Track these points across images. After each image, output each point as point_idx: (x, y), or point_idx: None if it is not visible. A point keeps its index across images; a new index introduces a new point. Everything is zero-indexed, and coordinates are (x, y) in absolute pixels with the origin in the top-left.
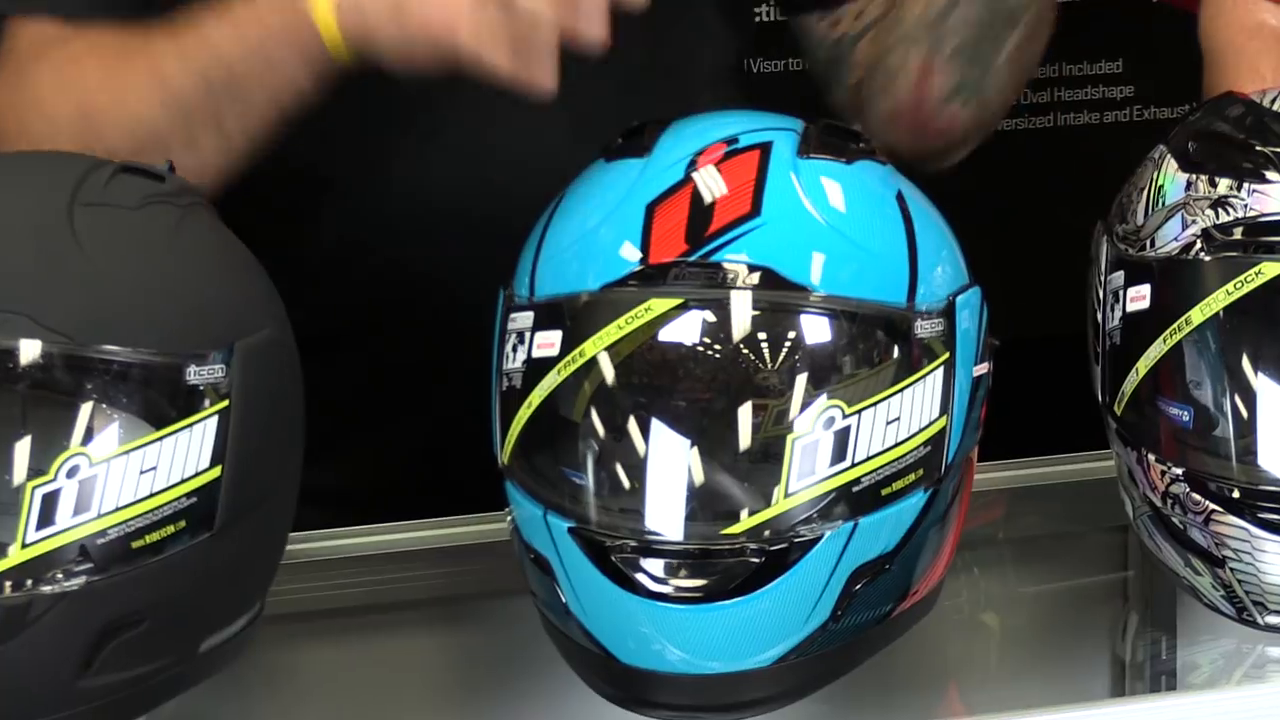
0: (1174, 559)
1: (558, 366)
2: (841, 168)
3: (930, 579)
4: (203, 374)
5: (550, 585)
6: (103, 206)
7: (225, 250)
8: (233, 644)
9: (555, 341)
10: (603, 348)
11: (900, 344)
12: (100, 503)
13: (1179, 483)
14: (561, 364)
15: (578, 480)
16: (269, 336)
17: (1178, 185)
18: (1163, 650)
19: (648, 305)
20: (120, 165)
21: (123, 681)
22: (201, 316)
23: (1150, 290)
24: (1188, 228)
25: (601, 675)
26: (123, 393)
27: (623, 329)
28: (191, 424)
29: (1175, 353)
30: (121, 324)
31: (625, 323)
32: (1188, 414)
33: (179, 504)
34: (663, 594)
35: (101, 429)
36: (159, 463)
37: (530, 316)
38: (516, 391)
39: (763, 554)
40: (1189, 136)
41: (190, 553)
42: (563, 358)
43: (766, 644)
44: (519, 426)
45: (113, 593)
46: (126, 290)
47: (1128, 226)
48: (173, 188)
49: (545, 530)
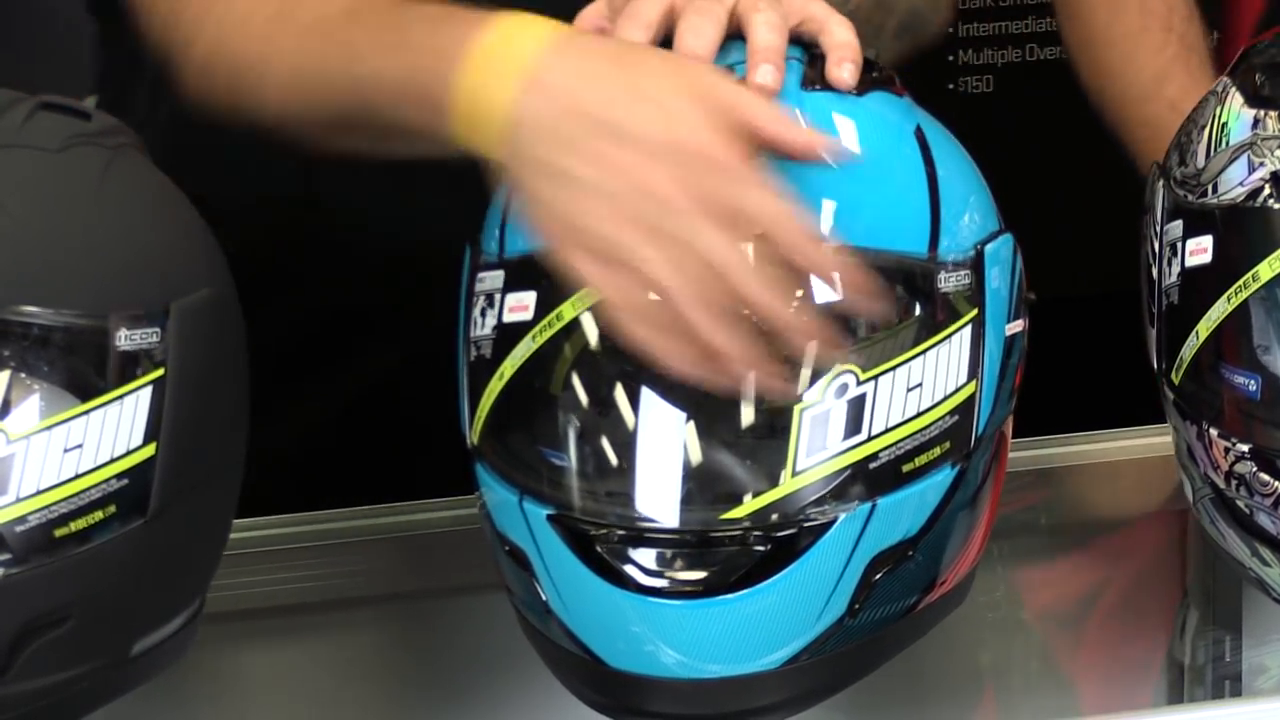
0: (1239, 547)
1: (532, 332)
2: (852, 100)
3: (960, 568)
4: (134, 339)
5: (527, 580)
6: (19, 148)
7: (160, 199)
8: (169, 645)
9: (529, 304)
10: (584, 309)
11: (921, 300)
12: (19, 485)
13: (1245, 461)
14: (536, 329)
15: (557, 461)
16: (209, 296)
17: (1243, 123)
18: (1226, 651)
19: None
20: (40, 101)
21: (45, 688)
22: (132, 273)
23: (1212, 242)
24: (1255, 171)
25: (587, 681)
26: (43, 360)
27: None
28: (122, 395)
29: (1240, 313)
30: (41, 282)
31: None
32: (1255, 383)
33: (108, 486)
34: (656, 588)
35: (19, 401)
36: (85, 440)
37: (500, 276)
38: (486, 361)
39: (769, 541)
40: (1256, 68)
41: (121, 542)
42: (538, 322)
43: (774, 644)
44: (490, 401)
45: (33, 587)
46: (47, 244)
47: (1187, 170)
48: (100, 127)
49: (521, 518)
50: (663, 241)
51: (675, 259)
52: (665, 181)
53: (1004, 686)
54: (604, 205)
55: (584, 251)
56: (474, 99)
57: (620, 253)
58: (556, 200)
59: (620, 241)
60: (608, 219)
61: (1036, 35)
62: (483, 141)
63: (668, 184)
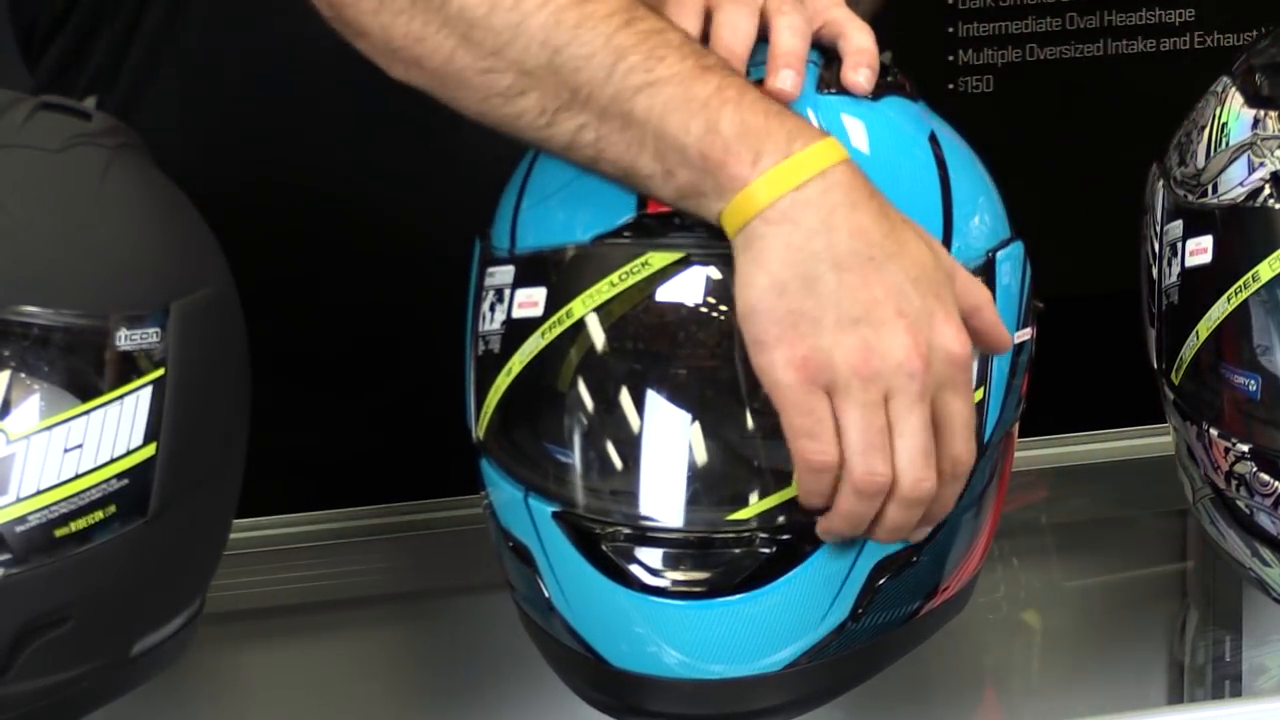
0: (1239, 548)
1: (541, 329)
2: (867, 105)
3: (963, 572)
4: (135, 339)
5: (531, 578)
6: (19, 148)
7: (160, 199)
8: (169, 645)
9: (539, 300)
10: (592, 308)
11: None
12: (19, 485)
13: (1245, 461)
14: (545, 325)
15: (563, 458)
16: (209, 296)
17: (1243, 123)
18: (1226, 651)
19: (645, 260)
20: (40, 101)
21: (45, 688)
22: (133, 273)
23: (1212, 242)
24: (1255, 171)
25: (589, 680)
26: (44, 360)
27: (616, 286)
28: (122, 396)
29: (1241, 313)
30: (41, 282)
31: (619, 279)
32: (1255, 383)
33: (108, 486)
34: (660, 588)
35: (20, 401)
36: (86, 440)
37: (510, 271)
38: (494, 356)
39: (773, 544)
40: (1256, 68)
41: (121, 542)
42: (547, 318)
43: (777, 645)
44: (497, 396)
45: (33, 587)
46: (47, 244)
47: (1187, 170)
48: (100, 127)
49: (526, 515)
50: (874, 408)
51: (875, 432)
52: (915, 360)
53: (1004, 687)
54: (854, 345)
55: (805, 377)
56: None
57: (844, 391)
58: (807, 309)
59: (850, 382)
60: (855, 358)
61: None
62: (740, 220)
63: (916, 363)
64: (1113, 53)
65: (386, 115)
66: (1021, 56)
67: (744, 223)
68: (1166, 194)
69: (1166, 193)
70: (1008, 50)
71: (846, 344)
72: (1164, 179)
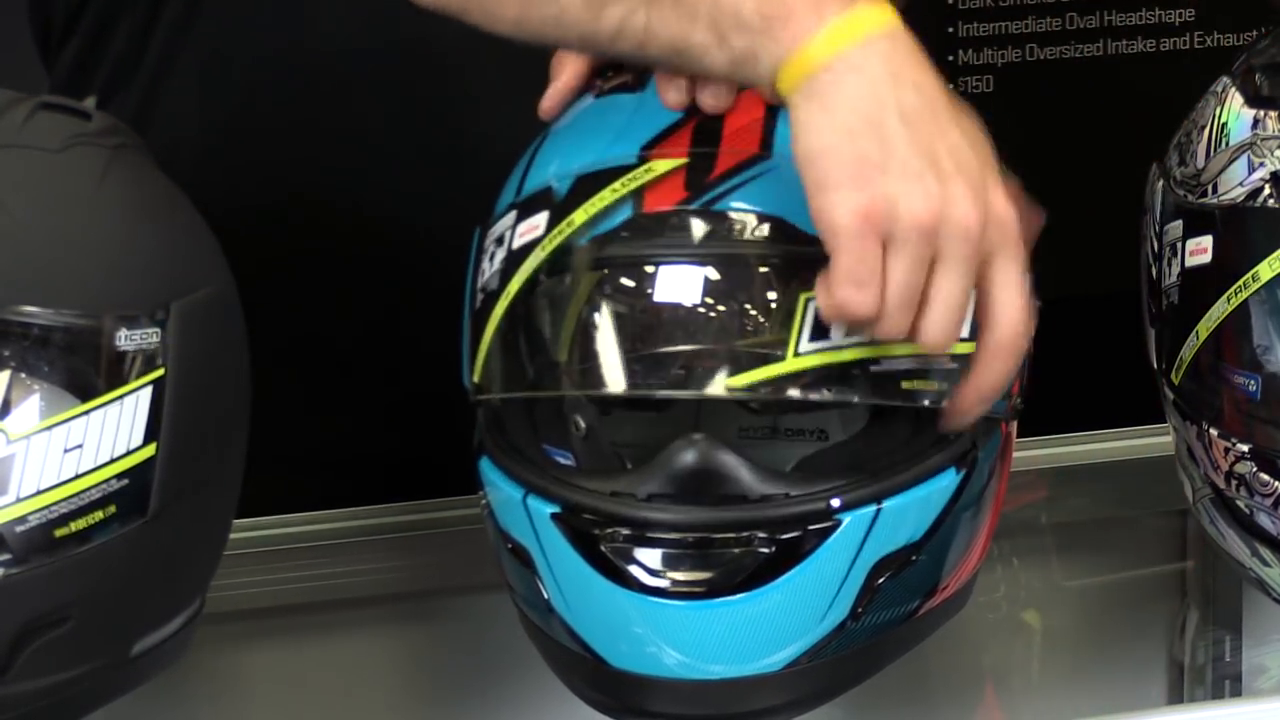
0: (1239, 548)
1: (541, 243)
2: None
3: (963, 572)
4: (135, 339)
5: (530, 579)
6: (19, 148)
7: (160, 198)
8: (169, 645)
9: (540, 224)
10: (595, 212)
11: None
12: (19, 485)
13: (1245, 461)
14: (545, 239)
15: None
16: (209, 296)
17: (1243, 122)
18: (1226, 651)
19: (648, 167)
20: (40, 101)
21: (45, 688)
22: (133, 273)
23: (1212, 242)
24: (1255, 171)
25: (588, 680)
26: (44, 360)
27: (618, 192)
28: (122, 396)
29: (1240, 313)
30: (41, 282)
31: (621, 186)
32: (1254, 383)
33: (108, 486)
34: (659, 588)
35: (20, 401)
36: (85, 440)
37: (512, 216)
38: (491, 293)
39: (773, 543)
40: (1256, 68)
41: (121, 542)
42: (548, 234)
43: (776, 645)
44: (494, 325)
45: (33, 587)
46: (46, 244)
47: (1187, 170)
48: (100, 127)
49: (524, 516)
50: (921, 265)
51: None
52: (975, 217)
53: (1004, 686)
54: (920, 197)
55: (867, 224)
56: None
57: (901, 243)
58: (874, 155)
59: (909, 235)
60: (920, 210)
61: (1036, 35)
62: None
63: (975, 221)
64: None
65: (400, 113)
66: (1021, 56)
67: (807, 75)
68: (1166, 194)
69: (1166, 193)
70: (1008, 50)
71: (913, 194)
72: (1164, 179)
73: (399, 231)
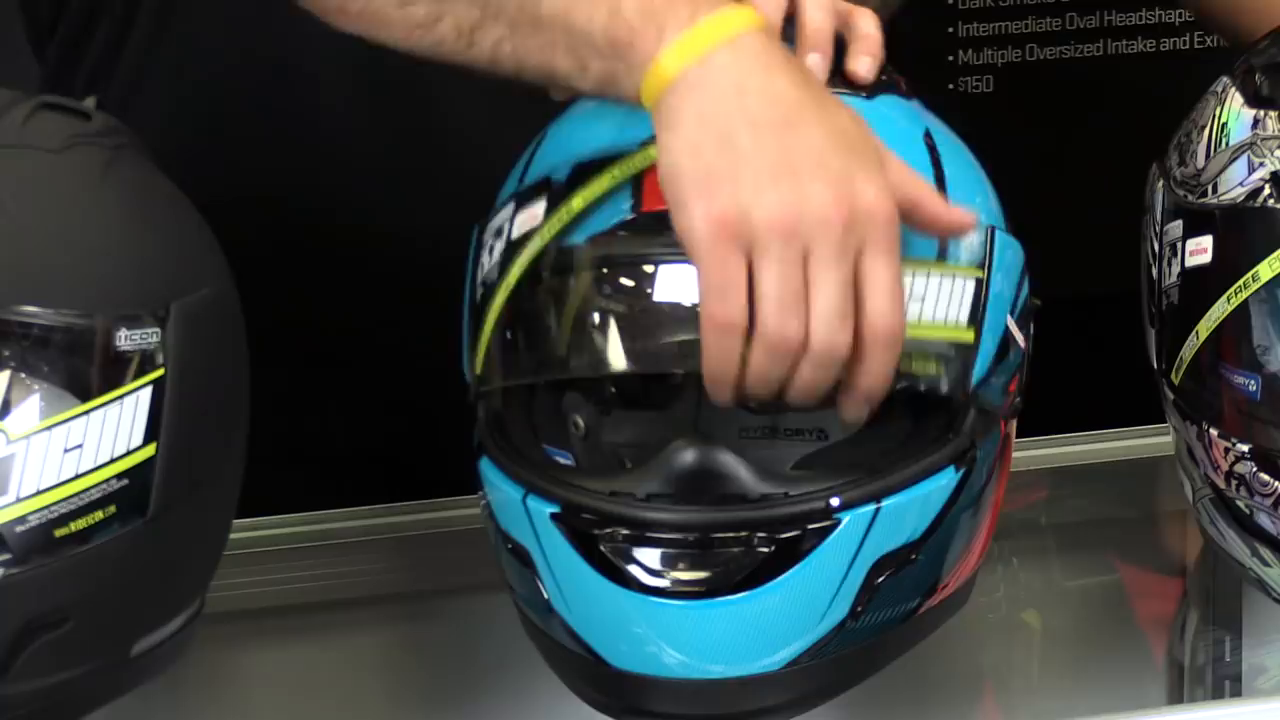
0: (1239, 547)
1: (540, 231)
2: (861, 103)
3: (962, 571)
4: (134, 339)
5: (530, 579)
6: (19, 148)
7: (160, 198)
8: (169, 645)
9: (539, 211)
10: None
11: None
12: (19, 485)
13: (1245, 461)
14: (544, 226)
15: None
16: (209, 296)
17: (1243, 122)
18: (1226, 652)
19: (647, 153)
20: (40, 101)
21: (44, 688)
22: (133, 273)
23: (1212, 242)
24: (1254, 171)
25: (589, 680)
26: (43, 360)
27: (617, 178)
28: (122, 396)
29: (1240, 313)
30: (41, 282)
31: (619, 171)
32: (1254, 383)
33: (108, 487)
34: (659, 588)
35: (19, 401)
36: (85, 440)
37: (511, 207)
38: (490, 284)
39: (773, 543)
40: (1256, 68)
41: (121, 542)
42: (546, 220)
43: (776, 645)
44: (495, 314)
45: (33, 587)
46: (47, 244)
47: (1187, 170)
48: (100, 127)
49: (524, 516)
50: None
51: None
52: (835, 212)
53: (1004, 687)
54: (773, 200)
55: (722, 235)
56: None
57: (762, 248)
58: (722, 167)
59: (769, 239)
60: (774, 212)
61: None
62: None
63: (836, 215)
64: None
65: (386, 112)
66: (1021, 56)
67: (658, 97)
68: (1166, 194)
69: (1166, 193)
70: (1008, 50)
71: (765, 200)
72: (1164, 179)
73: (399, 231)
